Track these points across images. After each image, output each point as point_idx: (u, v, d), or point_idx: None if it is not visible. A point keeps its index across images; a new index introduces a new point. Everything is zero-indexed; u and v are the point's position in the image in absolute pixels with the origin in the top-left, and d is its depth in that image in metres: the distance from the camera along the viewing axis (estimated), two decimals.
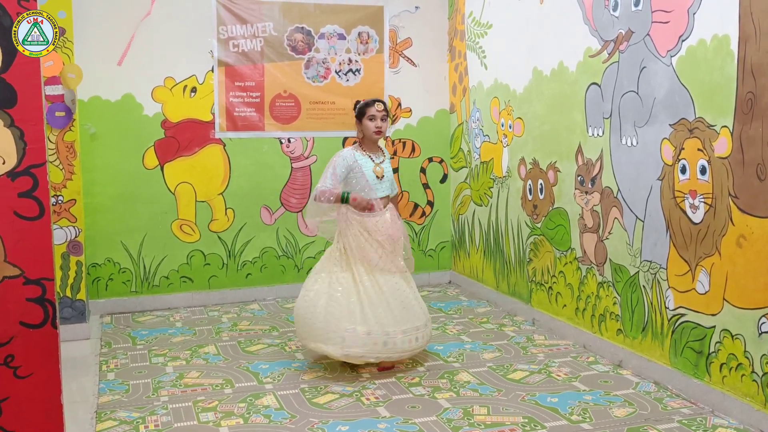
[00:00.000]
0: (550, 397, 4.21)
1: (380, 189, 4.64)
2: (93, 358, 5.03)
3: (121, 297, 6.31)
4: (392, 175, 4.81)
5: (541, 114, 5.51)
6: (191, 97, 6.37)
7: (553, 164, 5.38)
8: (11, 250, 2.83)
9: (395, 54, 6.92)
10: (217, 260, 6.55)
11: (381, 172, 4.64)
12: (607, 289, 4.83)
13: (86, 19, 5.96)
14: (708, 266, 3.96)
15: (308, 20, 6.62)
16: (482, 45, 6.39)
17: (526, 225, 5.81)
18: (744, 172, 3.70)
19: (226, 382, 4.51)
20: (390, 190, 4.73)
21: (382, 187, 4.65)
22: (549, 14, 5.36)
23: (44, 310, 2.87)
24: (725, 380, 3.89)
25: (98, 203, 6.17)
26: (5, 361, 2.84)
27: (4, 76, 2.79)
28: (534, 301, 5.74)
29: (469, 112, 6.73)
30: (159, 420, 3.96)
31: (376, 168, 4.63)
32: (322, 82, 6.71)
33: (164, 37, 6.24)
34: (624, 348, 4.68)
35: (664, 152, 4.25)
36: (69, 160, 5.44)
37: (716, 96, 3.86)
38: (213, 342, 5.36)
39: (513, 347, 5.15)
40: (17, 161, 2.82)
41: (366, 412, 4.05)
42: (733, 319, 3.82)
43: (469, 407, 4.08)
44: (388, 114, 4.71)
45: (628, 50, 4.51)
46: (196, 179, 6.42)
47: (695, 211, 4.03)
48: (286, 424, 3.90)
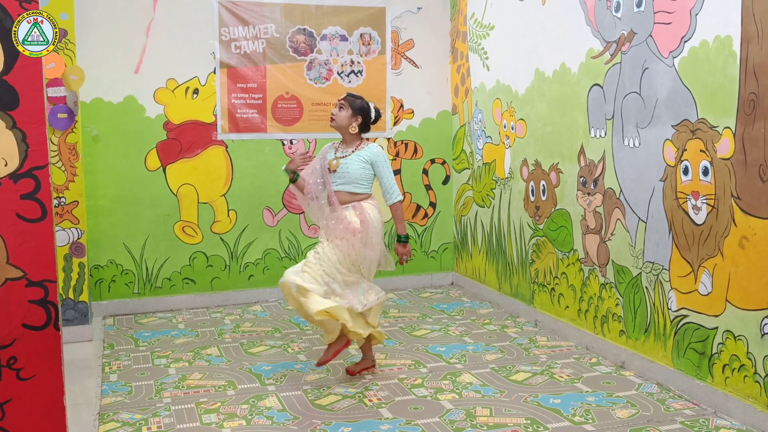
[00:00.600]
0: (552, 398, 4.21)
1: (333, 183, 4.48)
2: (96, 359, 5.04)
3: (123, 299, 6.31)
4: (390, 180, 4.52)
5: (544, 115, 5.51)
6: (193, 99, 6.38)
7: (555, 165, 5.38)
8: (14, 252, 2.83)
9: (397, 55, 6.92)
10: (219, 262, 6.55)
11: (334, 166, 4.48)
12: (610, 290, 4.83)
13: (88, 20, 5.97)
14: (710, 267, 3.96)
15: (310, 22, 6.62)
16: (484, 46, 6.39)
17: (529, 226, 5.81)
18: (746, 173, 3.70)
19: (228, 384, 4.51)
20: (353, 187, 4.46)
21: (335, 180, 4.47)
22: (551, 15, 5.36)
23: (47, 312, 2.88)
24: (728, 381, 3.88)
25: (100, 205, 6.18)
26: (8, 363, 2.84)
27: (6, 78, 2.79)
28: (536, 302, 5.73)
29: (471, 113, 6.73)
30: (162, 422, 3.96)
31: (333, 161, 4.50)
32: (324, 83, 6.71)
33: (166, 39, 6.25)
34: (627, 349, 4.67)
35: (666, 153, 4.25)
36: (71, 161, 5.44)
37: (718, 97, 3.85)
38: (216, 343, 5.36)
39: (515, 348, 5.14)
40: (19, 163, 2.82)
41: (368, 413, 4.04)
42: (736, 320, 3.81)
43: (471, 408, 4.08)
44: (351, 106, 4.50)
45: (631, 51, 4.51)
46: (198, 181, 6.43)
47: (698, 212, 4.02)
48: (288, 425, 3.90)
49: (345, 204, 4.47)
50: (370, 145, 4.54)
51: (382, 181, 4.53)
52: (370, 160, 4.48)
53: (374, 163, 4.49)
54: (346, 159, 4.48)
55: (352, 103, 4.52)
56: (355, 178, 4.46)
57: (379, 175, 4.52)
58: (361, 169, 4.47)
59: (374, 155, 4.49)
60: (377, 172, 4.51)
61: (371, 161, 4.48)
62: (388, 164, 4.54)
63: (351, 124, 4.50)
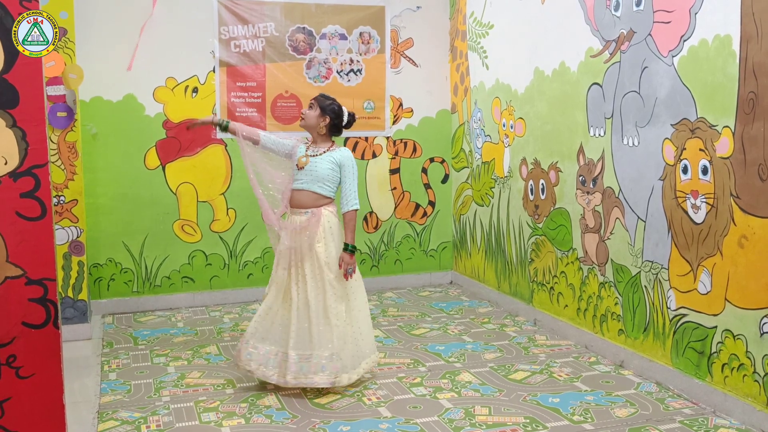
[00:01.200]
0: (551, 397, 4.21)
1: (298, 180, 4.41)
2: (95, 358, 5.04)
3: (122, 297, 6.31)
4: (353, 186, 4.42)
5: (543, 114, 5.51)
6: (193, 98, 6.38)
7: (554, 164, 5.38)
8: (13, 250, 2.83)
9: (396, 54, 6.92)
10: (218, 260, 6.55)
11: (303, 163, 4.41)
12: (609, 289, 4.83)
13: (88, 19, 5.97)
14: (710, 266, 3.96)
15: (310, 20, 6.62)
16: (484, 45, 6.39)
17: (528, 225, 5.81)
18: (746, 172, 3.70)
19: (227, 383, 4.51)
20: (318, 187, 4.37)
21: (301, 178, 4.41)
22: (550, 14, 5.36)
23: (46, 311, 2.88)
24: (727, 380, 3.89)
25: (100, 203, 6.18)
26: (7, 362, 2.85)
27: (6, 77, 2.80)
28: (535, 301, 5.74)
29: (470, 112, 6.73)
30: (161, 420, 3.96)
31: (302, 158, 4.43)
32: (323, 82, 6.71)
33: (166, 38, 6.24)
34: (625, 348, 4.68)
35: (665, 152, 4.25)
36: (71, 160, 5.44)
37: (718, 96, 3.86)
38: (214, 342, 5.36)
39: (514, 347, 5.15)
40: (19, 162, 2.82)
41: (367, 412, 4.05)
42: (735, 320, 3.81)
43: (470, 407, 4.08)
44: (319, 106, 4.44)
45: (630, 50, 4.51)
46: (197, 179, 6.42)
47: (697, 212, 4.03)
48: (287, 424, 3.90)
49: (305, 208, 4.38)
50: (342, 149, 4.48)
51: (344, 185, 4.44)
52: (339, 163, 4.41)
53: (343, 166, 4.41)
54: (316, 158, 4.41)
55: (321, 103, 4.47)
56: (322, 177, 4.37)
57: (344, 179, 4.42)
58: (330, 170, 4.39)
59: (345, 158, 4.43)
60: (342, 175, 4.41)
61: (340, 164, 4.41)
62: (356, 171, 4.45)
63: (319, 124, 4.44)
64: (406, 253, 7.09)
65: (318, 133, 4.47)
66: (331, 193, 4.43)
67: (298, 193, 4.40)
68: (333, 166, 4.39)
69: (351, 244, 4.36)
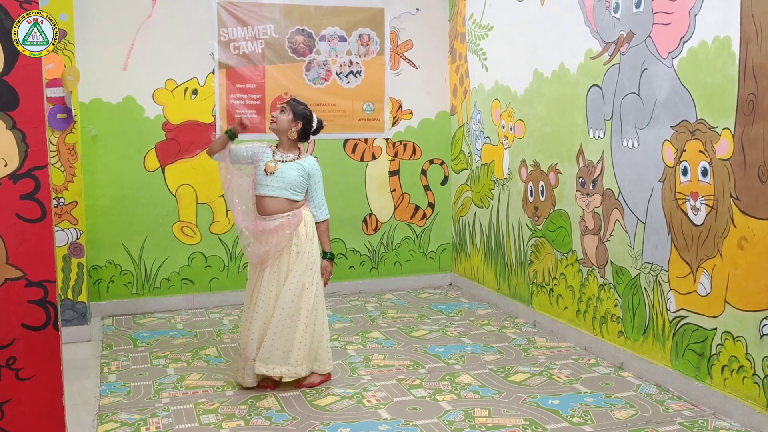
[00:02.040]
0: (551, 399, 4.21)
1: (267, 186, 4.37)
2: (94, 360, 5.03)
3: (122, 299, 6.31)
4: (323, 195, 4.48)
5: (542, 116, 5.51)
6: (192, 99, 6.38)
7: (554, 166, 5.38)
8: (13, 252, 2.83)
9: (396, 56, 6.92)
10: (218, 262, 6.55)
11: (272, 168, 4.36)
12: (608, 291, 4.83)
13: (88, 21, 5.97)
14: (709, 268, 3.96)
15: (309, 22, 6.62)
16: (483, 47, 6.40)
17: (527, 227, 5.81)
18: (745, 173, 3.70)
19: (227, 384, 4.51)
20: (291, 193, 4.37)
21: (270, 185, 4.37)
22: (550, 16, 5.36)
23: (46, 312, 2.88)
24: (727, 382, 3.89)
25: (99, 205, 6.18)
26: (7, 363, 2.84)
27: (6, 79, 2.80)
28: (535, 303, 5.74)
29: (470, 113, 6.73)
30: (160, 422, 3.96)
31: (270, 163, 4.39)
32: (322, 84, 6.71)
33: (165, 40, 6.24)
34: (625, 350, 4.67)
35: (665, 154, 4.25)
36: (70, 162, 5.44)
37: (717, 98, 3.86)
38: (214, 344, 5.36)
39: (514, 349, 5.15)
40: (19, 163, 2.82)
41: (367, 414, 4.04)
42: (735, 321, 3.81)
43: (470, 409, 4.08)
44: (292, 110, 4.42)
45: (629, 52, 4.51)
46: (197, 181, 6.42)
47: (696, 213, 4.03)
48: (287, 426, 3.90)
49: (279, 214, 4.36)
50: (309, 157, 4.49)
51: (314, 195, 4.45)
52: (308, 172, 4.41)
53: (311, 176, 4.42)
54: (285, 164, 4.39)
55: (294, 107, 4.46)
56: (293, 184, 4.36)
57: (313, 190, 4.43)
58: (299, 177, 4.38)
59: (313, 168, 4.44)
60: (311, 185, 4.43)
61: (309, 173, 4.42)
62: (322, 180, 4.49)
63: (290, 129, 4.42)
64: (405, 254, 7.09)
65: (288, 138, 4.45)
66: (302, 197, 4.44)
67: (272, 201, 4.37)
68: (302, 174, 4.40)
69: (330, 252, 4.52)
